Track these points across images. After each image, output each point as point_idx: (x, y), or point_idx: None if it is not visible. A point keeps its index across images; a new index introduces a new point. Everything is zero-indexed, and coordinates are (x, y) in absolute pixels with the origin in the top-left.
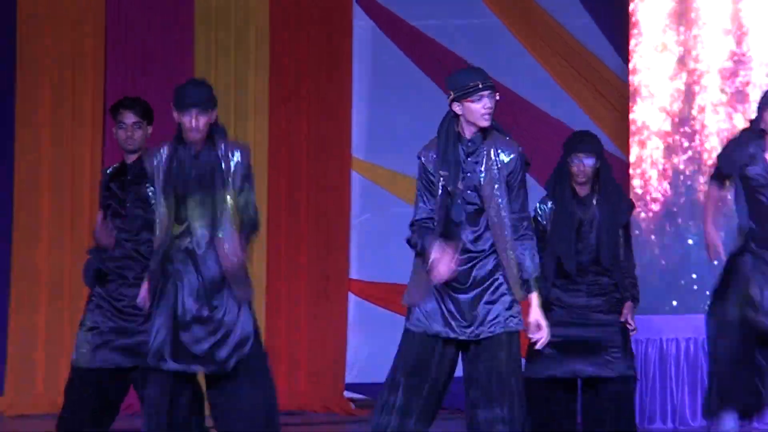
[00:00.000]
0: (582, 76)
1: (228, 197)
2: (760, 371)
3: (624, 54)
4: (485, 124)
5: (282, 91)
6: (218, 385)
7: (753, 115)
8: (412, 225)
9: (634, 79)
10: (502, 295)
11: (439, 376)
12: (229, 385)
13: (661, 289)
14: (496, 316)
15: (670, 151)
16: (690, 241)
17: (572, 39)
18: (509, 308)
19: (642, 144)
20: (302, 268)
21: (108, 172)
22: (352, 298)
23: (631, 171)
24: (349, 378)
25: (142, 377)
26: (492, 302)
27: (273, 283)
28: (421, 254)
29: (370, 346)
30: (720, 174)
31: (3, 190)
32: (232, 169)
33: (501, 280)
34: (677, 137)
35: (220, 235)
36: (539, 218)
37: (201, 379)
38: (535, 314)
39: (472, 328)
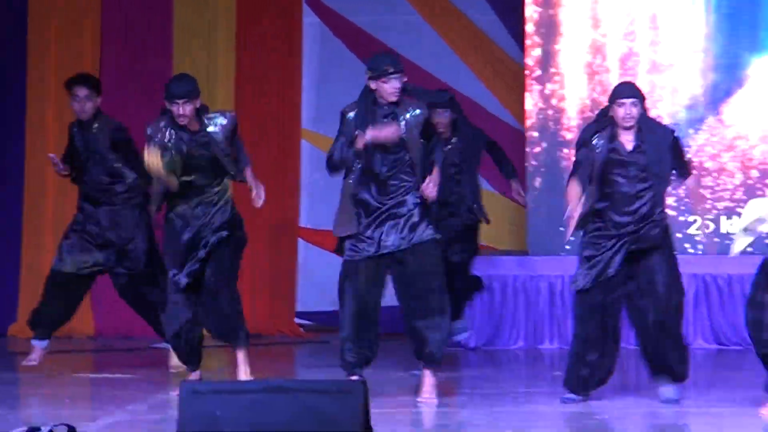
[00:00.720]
0: (488, 62)
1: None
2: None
3: (521, 44)
4: (393, 99)
5: (245, 73)
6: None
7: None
8: (329, 160)
9: (530, 63)
10: (412, 215)
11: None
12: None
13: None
14: (416, 232)
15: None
16: None
17: (480, 32)
18: (424, 224)
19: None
20: (263, 216)
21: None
22: (302, 243)
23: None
24: (299, 307)
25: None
26: (412, 222)
27: None
28: (344, 163)
29: (315, 282)
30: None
31: (17, 159)
32: (219, 133)
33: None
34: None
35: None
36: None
37: None
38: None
39: (401, 242)
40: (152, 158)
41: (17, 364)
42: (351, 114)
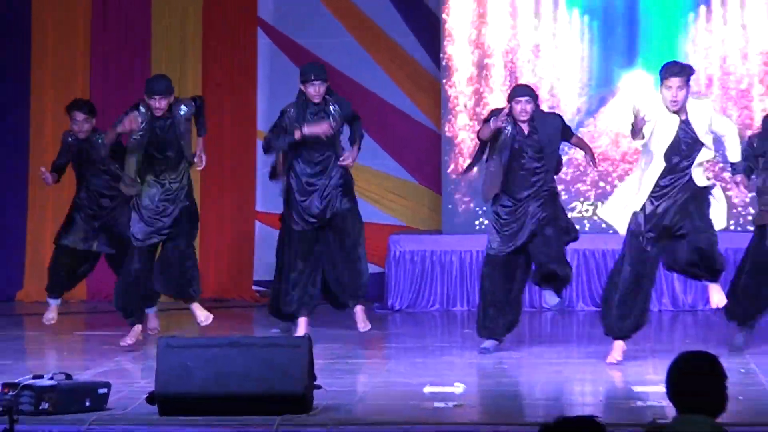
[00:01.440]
0: (408, 76)
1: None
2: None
3: (436, 62)
4: (316, 101)
5: (211, 83)
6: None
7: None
8: (266, 143)
9: (443, 78)
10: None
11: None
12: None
13: None
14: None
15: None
16: None
17: (402, 51)
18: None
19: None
20: (227, 202)
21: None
22: (258, 224)
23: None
24: (255, 277)
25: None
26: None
27: (206, 208)
28: (276, 148)
29: (269, 256)
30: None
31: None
32: (181, 116)
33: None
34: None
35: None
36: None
37: None
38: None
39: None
40: (133, 121)
41: (24, 324)
42: (291, 110)
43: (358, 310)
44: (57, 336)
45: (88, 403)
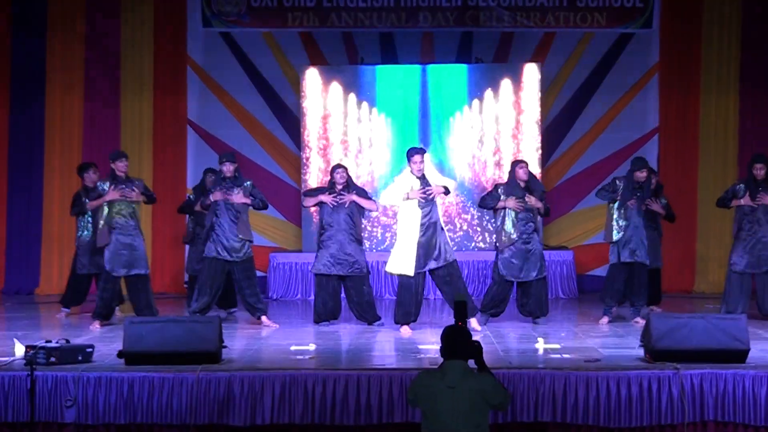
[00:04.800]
0: (281, 154)
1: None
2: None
3: (298, 144)
4: (228, 175)
5: (162, 108)
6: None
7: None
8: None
9: (302, 154)
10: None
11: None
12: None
13: None
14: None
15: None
16: None
17: (275, 137)
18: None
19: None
20: (170, 209)
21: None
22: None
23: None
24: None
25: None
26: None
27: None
28: (202, 205)
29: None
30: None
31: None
32: (138, 184)
33: None
34: (325, 179)
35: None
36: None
37: None
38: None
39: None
40: (114, 195)
41: (39, 309)
42: (212, 180)
43: (264, 318)
44: (60, 317)
45: (80, 358)
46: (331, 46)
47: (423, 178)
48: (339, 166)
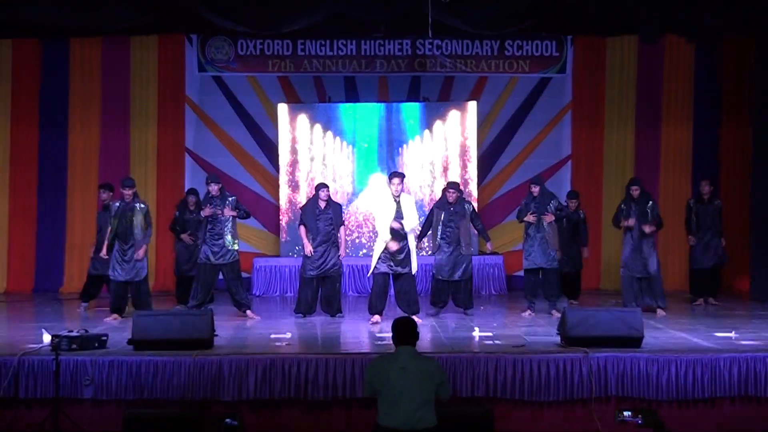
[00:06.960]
0: (262, 176)
1: (137, 221)
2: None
3: (276, 168)
4: (214, 194)
5: (164, 138)
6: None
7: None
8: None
9: (278, 176)
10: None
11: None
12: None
13: None
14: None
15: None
16: None
17: (257, 161)
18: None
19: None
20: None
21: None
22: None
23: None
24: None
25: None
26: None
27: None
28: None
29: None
30: None
31: (60, 163)
32: (139, 210)
33: None
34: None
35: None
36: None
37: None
38: None
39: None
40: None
41: (63, 306)
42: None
43: (249, 312)
44: (78, 311)
45: (96, 345)
46: (304, 87)
47: (398, 201)
48: (323, 185)
